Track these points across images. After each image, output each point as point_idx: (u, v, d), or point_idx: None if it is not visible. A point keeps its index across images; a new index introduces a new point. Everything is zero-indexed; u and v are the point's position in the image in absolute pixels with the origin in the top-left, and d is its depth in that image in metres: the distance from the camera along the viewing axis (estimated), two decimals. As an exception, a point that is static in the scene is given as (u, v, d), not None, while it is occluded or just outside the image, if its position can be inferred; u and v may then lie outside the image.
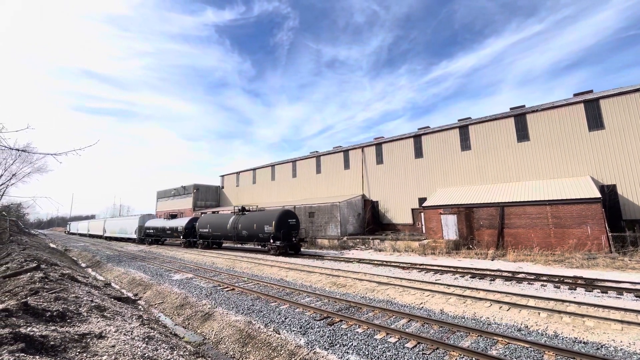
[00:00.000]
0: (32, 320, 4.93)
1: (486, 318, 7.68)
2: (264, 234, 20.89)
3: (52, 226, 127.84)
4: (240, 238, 23.37)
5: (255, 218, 22.21)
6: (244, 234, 22.80)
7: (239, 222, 23.40)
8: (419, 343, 6.31)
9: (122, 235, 40.89)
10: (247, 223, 22.62)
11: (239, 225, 23.25)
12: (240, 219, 23.47)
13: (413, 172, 28.99)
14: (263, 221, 21.21)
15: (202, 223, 27.89)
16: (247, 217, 23.13)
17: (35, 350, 3.85)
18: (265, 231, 20.80)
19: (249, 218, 22.82)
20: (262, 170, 45.37)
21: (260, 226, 21.26)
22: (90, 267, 21.37)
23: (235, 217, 24.08)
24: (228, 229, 24.26)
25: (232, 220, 24.17)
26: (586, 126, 20.75)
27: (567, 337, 6.38)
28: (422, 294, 9.84)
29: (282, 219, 20.57)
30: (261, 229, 21.11)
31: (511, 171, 23.49)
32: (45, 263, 12.72)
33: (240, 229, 23.10)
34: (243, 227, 22.82)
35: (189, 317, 9.42)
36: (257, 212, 23.75)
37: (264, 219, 21.21)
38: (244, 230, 22.77)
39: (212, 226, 26.53)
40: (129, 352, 4.58)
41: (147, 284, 13.80)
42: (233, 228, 23.73)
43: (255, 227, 21.60)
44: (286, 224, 20.71)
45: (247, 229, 22.45)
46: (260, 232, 21.22)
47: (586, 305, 7.96)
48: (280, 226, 20.33)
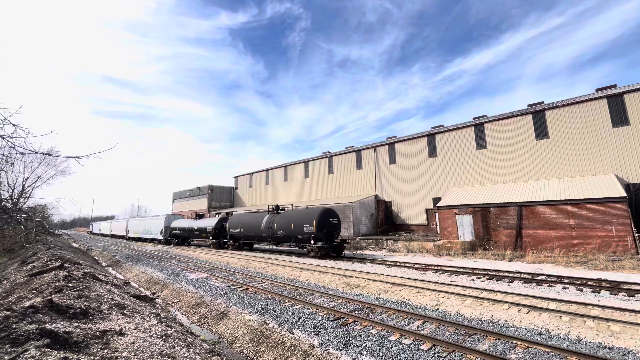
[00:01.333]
0: (57, 317, 5.13)
1: (504, 321, 7.47)
2: (303, 234, 19.20)
3: (75, 227, 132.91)
4: (276, 239, 21.62)
5: (293, 217, 20.55)
6: (280, 235, 21.10)
7: (274, 221, 21.68)
8: (435, 345, 6.21)
9: (147, 236, 40.08)
10: (283, 223, 20.90)
11: (274, 225, 21.53)
12: (276, 219, 21.74)
13: (427, 172, 28.56)
14: (302, 220, 19.46)
15: (233, 223, 26.32)
16: (284, 216, 21.45)
17: (60, 345, 4.00)
18: (304, 231, 19.05)
19: (285, 217, 21.14)
20: (275, 171, 45.74)
21: (299, 226, 19.51)
22: (111, 266, 22.09)
23: (270, 217, 22.40)
24: (262, 229, 22.57)
25: (266, 220, 22.50)
26: (610, 122, 19.92)
27: (591, 342, 6.13)
28: (437, 295, 9.68)
29: (324, 218, 18.81)
30: (300, 229, 19.42)
31: (529, 170, 22.80)
32: (69, 262, 13.22)
33: (275, 229, 21.39)
34: (279, 227, 21.09)
35: (205, 315, 9.59)
36: (295, 210, 22.28)
37: (303, 217, 19.47)
38: (280, 231, 21.03)
39: (244, 226, 24.85)
40: (147, 349, 4.70)
41: (164, 283, 14.15)
42: (268, 228, 22.03)
43: (293, 227, 19.87)
44: (328, 224, 18.91)
45: (283, 228, 20.77)
46: (299, 233, 19.49)
47: (611, 309, 7.63)
48: (322, 226, 18.53)
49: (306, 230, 19.05)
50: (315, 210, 19.44)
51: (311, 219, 18.85)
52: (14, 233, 20.59)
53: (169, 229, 34.96)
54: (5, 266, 15.45)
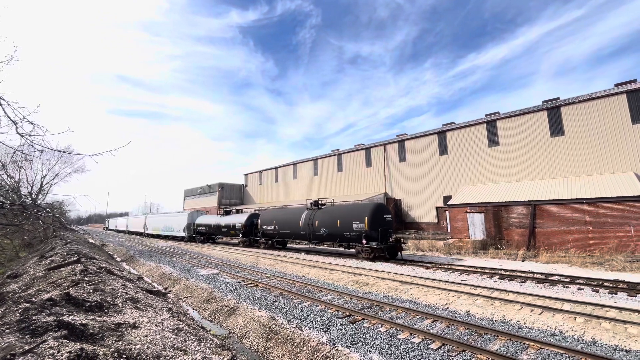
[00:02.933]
0: (74, 310, 5.30)
1: (516, 321, 7.34)
2: (352, 232, 16.95)
3: (90, 222, 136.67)
4: (317, 237, 19.30)
5: (338, 213, 18.34)
6: (322, 233, 18.80)
7: (314, 218, 19.44)
8: (444, 344, 6.15)
9: (167, 233, 38.35)
10: (326, 219, 18.71)
11: (315, 222, 19.25)
12: (317, 215, 19.49)
13: (437, 170, 28.20)
14: (350, 217, 17.23)
15: (265, 219, 24.13)
16: (327, 212, 19.25)
17: (76, 337, 4.14)
18: (353, 229, 16.85)
19: (329, 213, 18.97)
20: (284, 168, 45.93)
21: (346, 223, 17.27)
22: (125, 261, 22.64)
23: (310, 213, 20.14)
24: (301, 226, 20.34)
25: (305, 217, 20.22)
26: (629, 118, 19.24)
27: (607, 345, 5.97)
28: (447, 294, 9.58)
29: (377, 214, 16.48)
30: (347, 227, 17.20)
31: (543, 168, 22.25)
32: (85, 257, 13.61)
33: (317, 227, 19.08)
34: (322, 225, 18.81)
35: (215, 311, 9.74)
36: (340, 206, 20.01)
37: (352, 214, 17.28)
38: (322, 228, 18.75)
39: (278, 223, 22.58)
40: (160, 342, 4.81)
41: (176, 279, 14.42)
42: (307, 225, 19.76)
43: (340, 225, 17.62)
44: (382, 220, 16.47)
45: (327, 226, 18.51)
46: (347, 231, 17.29)
47: (629, 310, 7.41)
48: (375, 223, 16.21)
49: (355, 228, 16.79)
50: (365, 206, 17.24)
51: (362, 215, 16.56)
52: (33, 228, 21.31)
53: (193, 225, 33.55)
54: (25, 260, 16.02)
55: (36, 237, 23.61)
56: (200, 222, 32.59)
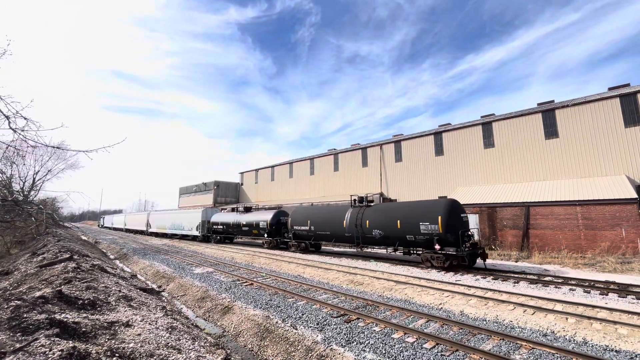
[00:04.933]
0: (66, 308, 5.24)
1: (509, 321, 7.42)
2: (419, 235, 13.94)
3: (84, 220, 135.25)
4: (368, 241, 16.40)
5: (399, 211, 15.23)
6: (375, 235, 15.76)
7: (364, 217, 16.53)
8: (438, 344, 6.20)
9: (176, 232, 35.42)
10: (381, 219, 15.73)
11: (365, 222, 16.29)
12: (367, 214, 16.53)
13: (433, 170, 28.36)
14: (417, 216, 14.17)
15: (298, 218, 21.02)
16: (381, 210, 16.24)
17: (69, 335, 4.09)
18: (421, 231, 13.83)
19: (384, 212, 15.94)
20: (281, 167, 45.85)
21: (410, 224, 14.24)
22: (118, 259, 22.45)
23: (357, 211, 17.25)
24: (345, 227, 17.39)
25: (351, 215, 17.40)
26: (622, 122, 19.50)
27: (598, 345, 6.06)
28: (441, 294, 9.64)
29: (453, 213, 13.58)
30: (412, 228, 14.14)
31: (537, 170, 22.48)
32: (78, 254, 13.46)
33: (368, 228, 16.07)
34: (374, 225, 15.83)
35: (210, 309, 9.71)
36: (399, 203, 17.26)
37: (419, 212, 14.23)
38: (375, 230, 15.74)
39: (315, 222, 19.60)
40: (153, 340, 4.78)
41: (170, 277, 14.34)
42: (354, 226, 16.74)
43: (400, 226, 14.58)
44: (459, 221, 13.65)
45: (382, 227, 15.48)
46: (411, 233, 14.20)
47: (619, 311, 7.52)
48: (451, 224, 13.27)
49: (424, 230, 13.74)
50: (438, 203, 14.19)
51: (434, 214, 13.61)
52: (25, 225, 21.04)
53: (208, 223, 30.67)
54: (17, 257, 15.81)
55: (28, 233, 23.30)
56: (217, 220, 29.51)
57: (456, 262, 13.25)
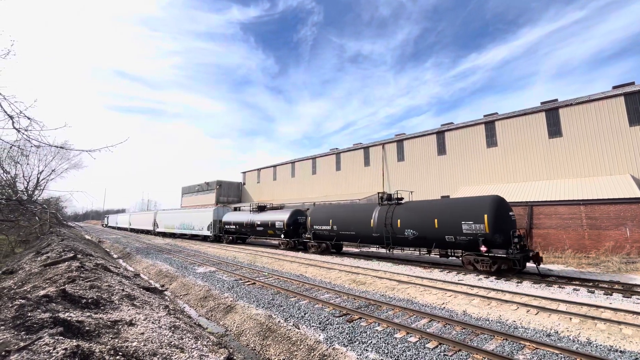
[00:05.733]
0: (70, 306, 5.27)
1: (512, 321, 7.38)
2: (460, 236, 12.69)
3: (87, 219, 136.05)
4: (399, 241, 15.09)
5: (435, 209, 13.92)
6: (408, 236, 14.48)
7: (394, 216, 15.17)
8: (441, 344, 6.18)
9: (185, 232, 34.30)
10: (414, 218, 14.47)
11: (395, 222, 14.98)
12: (398, 212, 15.16)
13: (435, 170, 28.26)
14: (458, 214, 12.90)
15: (318, 217, 19.66)
16: (414, 208, 14.89)
17: (72, 334, 4.11)
18: (463, 231, 12.59)
19: (418, 210, 14.64)
20: (283, 167, 45.88)
21: (450, 223, 13.03)
22: (121, 258, 22.57)
23: (386, 209, 15.78)
24: (373, 226, 16.08)
25: (379, 214, 15.99)
26: (626, 121, 19.34)
27: (602, 345, 6.02)
28: (444, 294, 9.61)
29: (500, 211, 12.23)
30: (452, 228, 12.92)
31: (541, 169, 22.35)
32: (81, 253, 13.54)
33: (399, 227, 14.80)
34: (406, 225, 14.58)
35: (212, 309, 9.73)
36: (434, 202, 15.32)
37: (460, 210, 12.98)
38: (407, 230, 14.49)
39: (337, 221, 18.32)
40: (156, 339, 4.80)
41: (172, 276, 14.39)
42: (384, 225, 15.39)
43: (438, 225, 13.38)
44: (507, 219, 12.30)
45: (415, 226, 14.26)
46: (451, 234, 12.95)
47: (624, 312, 7.46)
48: (499, 223, 11.93)
49: (467, 229, 12.47)
50: (482, 200, 12.75)
51: (479, 212, 12.29)
52: (29, 224, 21.20)
53: (220, 223, 29.56)
54: (21, 256, 15.93)
55: (32, 233, 23.47)
56: (229, 219, 28.39)
57: (505, 266, 11.83)
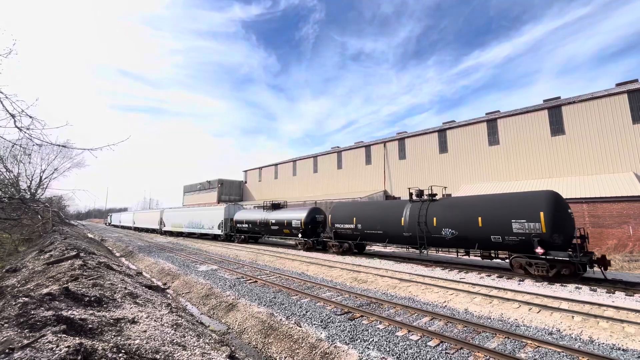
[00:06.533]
0: (73, 304, 5.30)
1: (514, 320, 7.37)
2: (510, 236, 11.38)
3: (89, 217, 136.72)
4: (435, 242, 13.76)
5: (479, 206, 12.57)
6: (446, 235, 13.20)
7: (428, 213, 13.90)
8: (442, 342, 6.18)
9: (194, 231, 33.04)
10: (453, 216, 13.17)
11: (431, 220, 13.69)
12: (434, 209, 13.89)
13: (437, 168, 28.20)
14: (508, 212, 11.57)
15: (340, 215, 18.27)
16: (453, 205, 13.58)
17: (75, 332, 4.13)
18: (513, 231, 11.28)
19: (457, 207, 13.29)
20: (284, 165, 45.89)
21: (498, 222, 11.73)
22: (124, 256, 22.67)
23: (418, 206, 14.51)
24: (404, 225, 14.78)
25: (410, 211, 14.75)
26: (630, 118, 19.22)
27: (604, 343, 6.00)
28: (445, 292, 9.61)
29: (559, 208, 10.93)
30: (500, 227, 11.61)
31: (543, 167, 22.26)
32: (84, 252, 13.61)
33: (435, 226, 13.53)
34: (443, 223, 13.34)
35: (214, 306, 9.77)
36: (477, 196, 14.00)
37: (510, 207, 11.63)
38: (445, 229, 13.23)
39: (362, 220, 16.92)
40: (159, 337, 4.82)
41: (175, 274, 14.45)
42: (417, 224, 14.13)
43: (483, 224, 12.05)
44: (567, 218, 11.01)
45: (455, 225, 12.97)
46: (498, 233, 11.66)
47: (626, 310, 7.43)
48: (558, 222, 10.64)
49: (518, 229, 11.18)
50: (537, 196, 11.43)
51: (533, 209, 10.97)
52: (32, 223, 21.31)
53: (232, 221, 28.29)
54: (24, 255, 16.02)
55: (35, 231, 23.60)
56: (241, 217, 27.00)
57: (567, 271, 10.40)
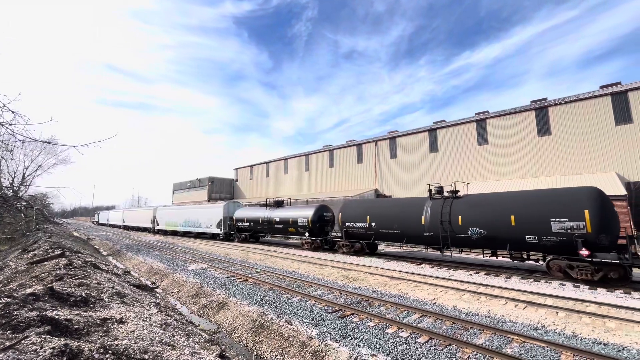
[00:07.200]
0: (58, 305, 5.18)
1: (501, 316, 7.54)
2: (548, 237, 10.48)
3: (75, 216, 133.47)
4: (459, 242, 12.82)
5: (513, 203, 11.55)
6: (472, 235, 12.23)
7: (453, 211, 12.92)
8: (431, 338, 6.27)
9: (190, 229, 31.72)
10: (481, 214, 12.20)
11: (456, 218, 12.72)
12: (458, 207, 12.95)
13: (428, 167, 28.52)
14: (546, 209, 10.61)
15: (351, 213, 17.07)
16: (480, 203, 12.62)
17: (60, 332, 4.04)
18: (552, 230, 10.37)
19: (489, 204, 12.27)
20: (276, 163, 45.69)
21: (534, 219, 10.77)
22: (111, 255, 22.24)
23: (441, 203, 13.56)
24: (424, 224, 13.79)
25: (431, 209, 13.75)
26: (613, 120, 19.80)
27: (587, 338, 6.19)
28: (434, 289, 9.75)
29: (605, 205, 10.11)
30: (538, 226, 10.66)
31: (530, 166, 22.76)
32: (70, 250, 13.30)
33: (460, 225, 12.53)
34: (469, 222, 12.35)
35: (204, 305, 9.68)
36: (508, 193, 12.80)
37: (549, 204, 10.68)
38: (472, 228, 12.23)
39: (377, 218, 15.83)
40: (147, 337, 4.75)
41: (164, 273, 14.25)
42: (439, 222, 13.14)
43: (516, 222, 11.10)
44: (613, 216, 10.15)
45: (483, 224, 12.01)
46: (534, 233, 10.71)
47: (607, 305, 7.69)
48: (604, 221, 9.84)
49: (558, 228, 10.22)
50: (578, 192, 10.53)
51: (575, 206, 10.09)
52: (15, 221, 20.70)
53: (232, 220, 27.20)
54: (7, 254, 15.55)
55: (18, 230, 22.93)
56: (242, 215, 25.75)
57: (616, 274, 9.54)
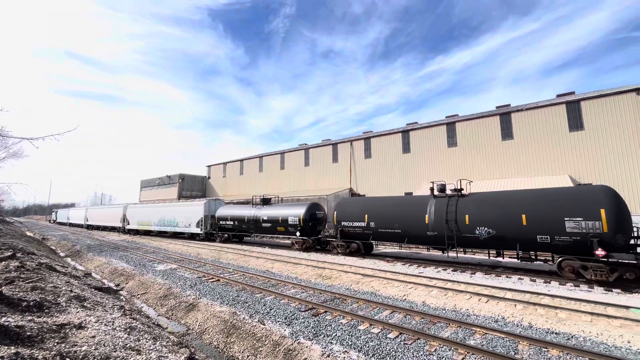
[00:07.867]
0: (7, 310, 4.77)
1: (466, 310, 7.94)
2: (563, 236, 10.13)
3: (29, 214, 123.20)
4: (466, 242, 12.29)
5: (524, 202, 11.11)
6: (480, 235, 11.71)
7: (459, 210, 12.36)
8: (401, 333, 6.48)
9: (167, 229, 30.10)
10: (492, 212, 11.66)
11: (462, 217, 12.12)
12: (464, 205, 12.40)
13: (400, 167, 29.31)
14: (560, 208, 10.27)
15: (348, 211, 16.35)
16: (492, 200, 12.01)
17: (11, 340, 3.73)
18: (566, 230, 10.04)
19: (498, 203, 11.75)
20: (250, 161, 44.89)
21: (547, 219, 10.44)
22: (70, 256, 20.79)
23: (446, 202, 12.97)
24: (428, 223, 13.14)
25: (435, 208, 13.16)
26: (567, 126, 21.44)
27: (541, 328, 6.69)
28: (405, 286, 10.07)
29: (621, 204, 9.75)
30: (550, 226, 10.34)
31: (495, 168, 24.10)
32: (22, 252, 12.29)
33: (467, 225, 12.01)
34: (477, 221, 11.88)
35: (173, 307, 9.34)
36: (519, 191, 12.02)
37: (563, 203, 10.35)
38: (480, 227, 11.68)
39: (376, 217, 15.08)
40: (109, 342, 4.51)
41: (129, 274, 13.56)
42: (444, 222, 12.55)
43: (528, 222, 10.78)
44: (628, 216, 9.73)
45: (492, 223, 11.54)
46: (547, 232, 10.36)
47: (559, 297, 8.35)
48: (621, 220, 9.48)
49: (572, 227, 9.94)
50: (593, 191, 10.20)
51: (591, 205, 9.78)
52: (-43, 220, 18.74)
53: (212, 218, 25.84)
54: (-54, 256, 14.03)
55: (-39, 229, 20.79)
56: (224, 214, 24.41)
57: (632, 275, 9.19)
